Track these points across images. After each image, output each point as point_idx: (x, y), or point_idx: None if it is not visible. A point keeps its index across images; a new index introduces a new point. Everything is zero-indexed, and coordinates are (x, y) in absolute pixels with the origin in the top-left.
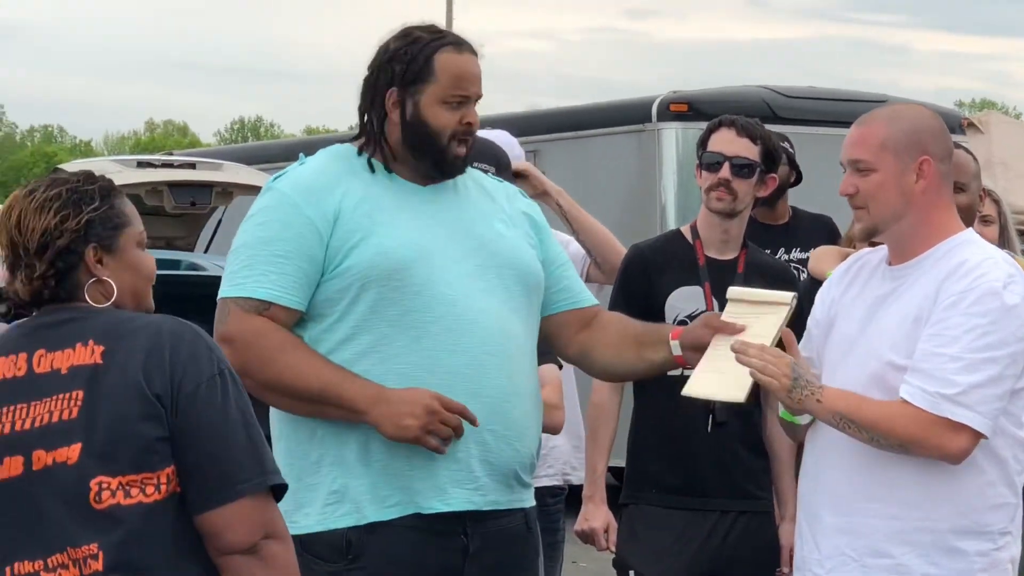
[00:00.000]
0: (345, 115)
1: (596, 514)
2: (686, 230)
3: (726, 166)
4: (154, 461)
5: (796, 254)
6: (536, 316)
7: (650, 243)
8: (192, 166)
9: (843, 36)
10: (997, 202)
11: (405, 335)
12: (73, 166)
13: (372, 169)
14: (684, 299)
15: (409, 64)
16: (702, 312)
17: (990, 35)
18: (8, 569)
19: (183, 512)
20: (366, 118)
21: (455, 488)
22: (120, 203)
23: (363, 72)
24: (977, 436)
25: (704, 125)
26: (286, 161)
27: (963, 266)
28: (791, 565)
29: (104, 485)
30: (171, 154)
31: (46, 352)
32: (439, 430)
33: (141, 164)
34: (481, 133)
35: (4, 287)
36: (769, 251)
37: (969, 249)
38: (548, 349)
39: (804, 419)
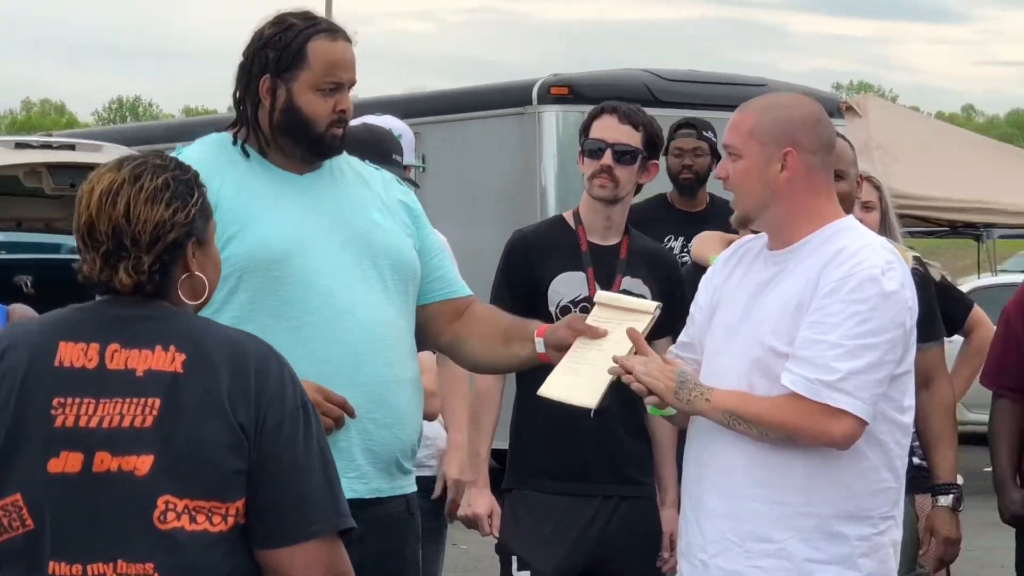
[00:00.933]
0: (225, 95)
1: (479, 499)
2: (568, 216)
3: (608, 153)
4: (228, 492)
5: None
6: (412, 305)
7: (533, 228)
8: (71, 147)
9: (723, 18)
10: (878, 188)
11: (284, 325)
12: None
13: (247, 155)
14: (567, 284)
15: (283, 51)
16: (584, 297)
17: (869, 18)
18: (49, 564)
19: (242, 545)
20: (241, 105)
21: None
22: (205, 192)
23: (239, 57)
24: (861, 422)
25: (585, 109)
26: (167, 142)
27: (842, 253)
28: (672, 550)
29: (171, 505)
30: (50, 135)
31: (120, 348)
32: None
33: (19, 145)
34: (370, 119)
35: (80, 268)
36: (683, 238)
37: (848, 236)
38: (423, 338)
39: (671, 410)
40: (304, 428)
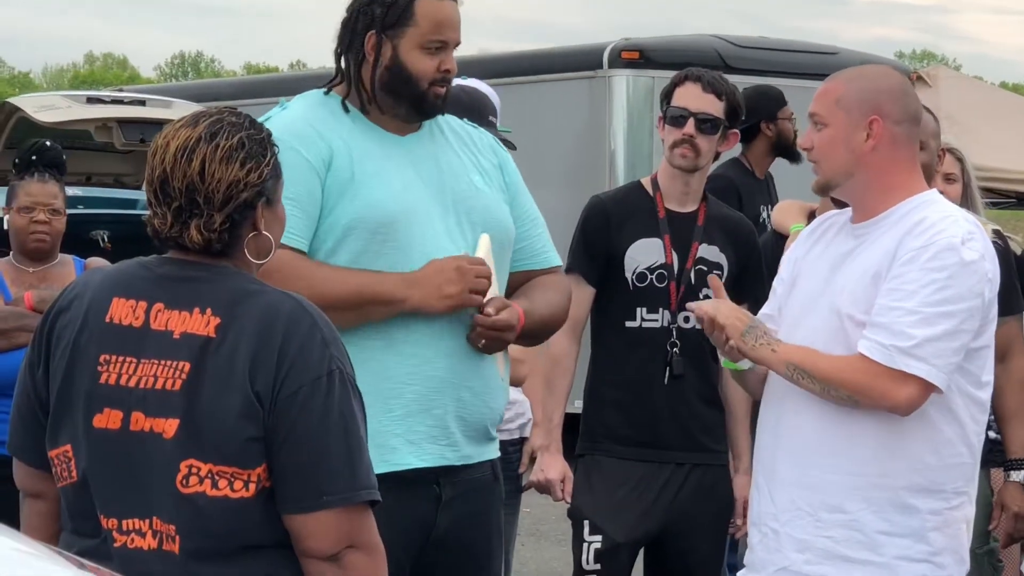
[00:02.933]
0: (284, 52)
1: (552, 464)
2: (646, 182)
3: (691, 122)
4: (246, 459)
5: None
6: (506, 272)
7: (611, 194)
8: (142, 103)
9: None
10: (960, 160)
11: None
12: (24, 101)
13: (347, 111)
14: (644, 251)
15: (390, 8)
16: (661, 264)
17: None
18: (100, 518)
19: (273, 508)
20: (343, 61)
21: (430, 444)
22: (277, 151)
23: (304, 7)
24: (927, 388)
25: (656, 74)
26: (231, 99)
27: (922, 223)
28: (745, 517)
29: (194, 469)
30: (121, 90)
31: (164, 308)
32: (478, 285)
33: (91, 100)
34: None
35: (150, 222)
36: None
37: (930, 208)
38: None
39: (745, 364)
40: (325, 396)
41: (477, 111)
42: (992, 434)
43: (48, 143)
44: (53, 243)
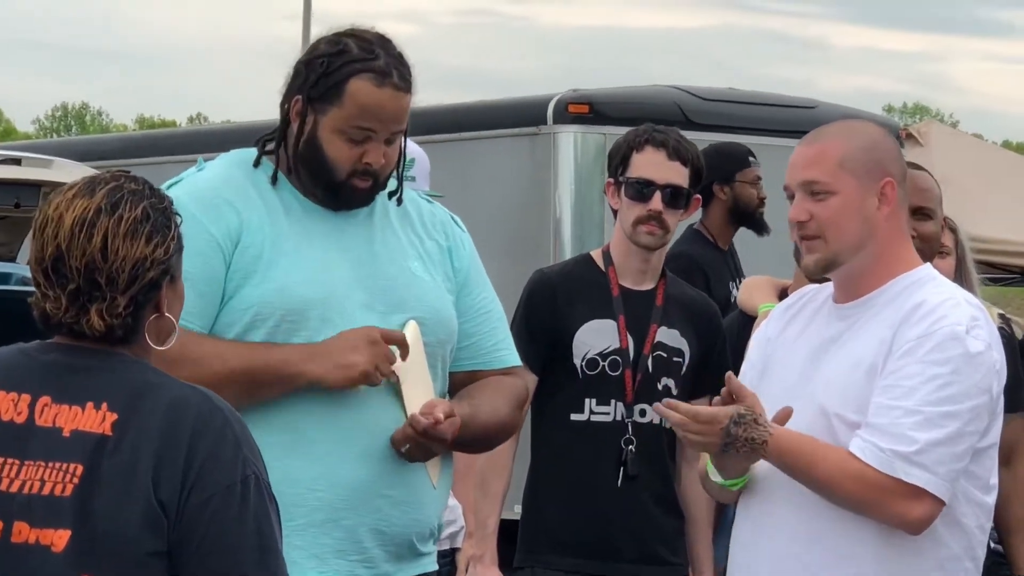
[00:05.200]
0: (184, 104)
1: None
2: (597, 255)
3: (657, 196)
4: (146, 575)
5: None
6: (445, 370)
7: (557, 268)
8: (17, 162)
9: (750, 27)
10: (954, 230)
11: None
12: None
13: (275, 182)
14: (595, 334)
15: (321, 77)
16: (615, 349)
17: (918, 31)
18: None
19: None
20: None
21: (337, 560)
22: (179, 221)
23: (206, 54)
24: (939, 502)
25: (607, 130)
26: (124, 158)
27: (921, 307)
28: None
29: None
30: None
31: (51, 402)
32: (384, 363)
33: None
34: None
35: (39, 305)
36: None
37: (928, 288)
38: None
39: (741, 482)
40: (239, 505)
41: None
42: (992, 544)
43: None
44: None
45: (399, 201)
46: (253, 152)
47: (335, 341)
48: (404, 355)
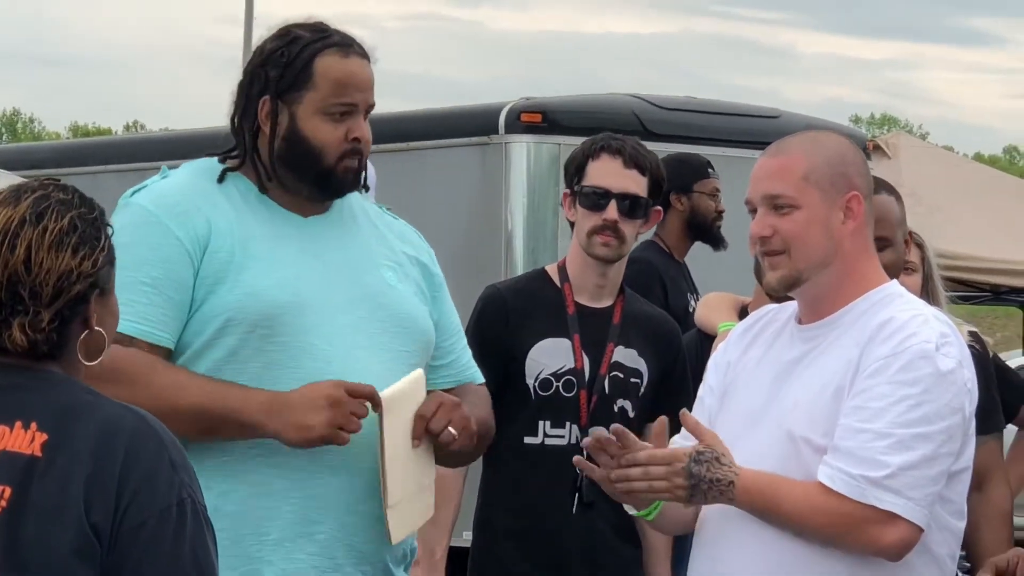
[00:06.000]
0: (119, 111)
1: None
2: (552, 270)
3: (612, 205)
4: None
5: None
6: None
7: (509, 284)
8: None
9: (711, 34)
10: (921, 246)
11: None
12: None
13: (241, 189)
14: (548, 353)
15: (285, 69)
16: (569, 369)
17: (886, 39)
18: None
19: None
20: (239, 132)
21: (313, 574)
22: (110, 233)
23: (142, 59)
24: (916, 528)
25: (561, 140)
26: (56, 167)
27: (888, 325)
28: None
29: None
30: None
31: None
32: (348, 424)
33: None
34: None
35: None
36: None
37: (895, 305)
38: None
39: (652, 515)
40: (176, 529)
41: None
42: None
43: None
44: None
45: (366, 188)
46: (216, 162)
47: (296, 397)
48: (376, 407)
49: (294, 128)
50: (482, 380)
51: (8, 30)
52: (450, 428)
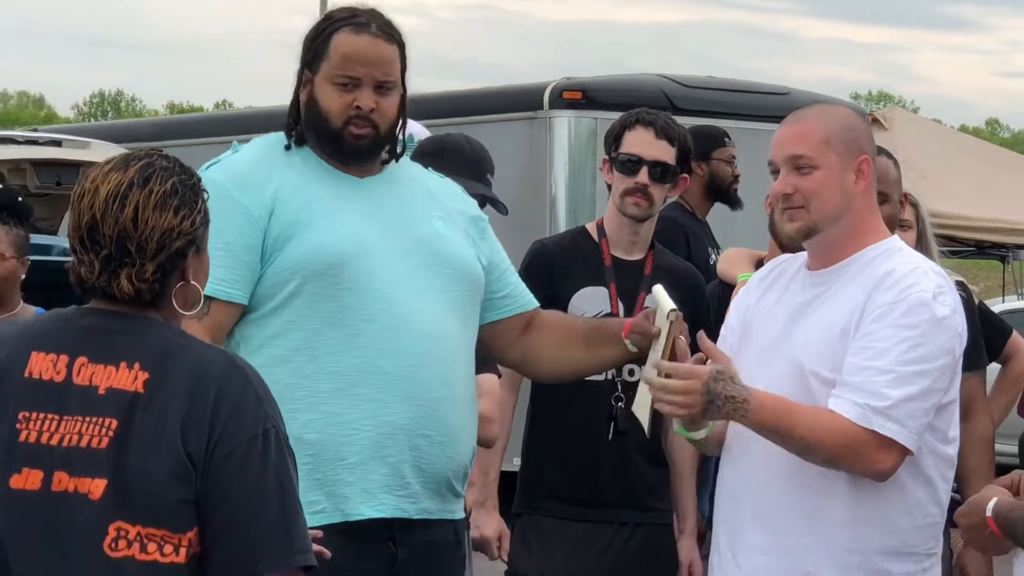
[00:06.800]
0: (210, 90)
1: (488, 522)
2: (592, 228)
3: (644, 170)
4: (177, 522)
5: None
6: (476, 319)
7: (555, 240)
8: (58, 143)
9: (727, 21)
10: (915, 206)
11: (339, 333)
12: None
13: (300, 155)
14: (588, 300)
15: (312, 42)
16: (607, 313)
17: (881, 24)
18: None
19: (204, 573)
20: (294, 105)
21: (386, 495)
22: (206, 196)
23: (229, 44)
24: (904, 452)
25: (598, 115)
26: (154, 140)
27: (890, 276)
28: None
29: (123, 532)
30: (36, 130)
31: (88, 362)
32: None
33: (3, 140)
34: None
35: (75, 270)
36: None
37: (897, 258)
38: (487, 357)
39: (700, 434)
40: (261, 457)
41: (476, 166)
42: (953, 492)
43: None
44: None
45: (397, 158)
46: (283, 135)
47: None
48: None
49: (312, 95)
50: (537, 305)
51: (114, 21)
52: None
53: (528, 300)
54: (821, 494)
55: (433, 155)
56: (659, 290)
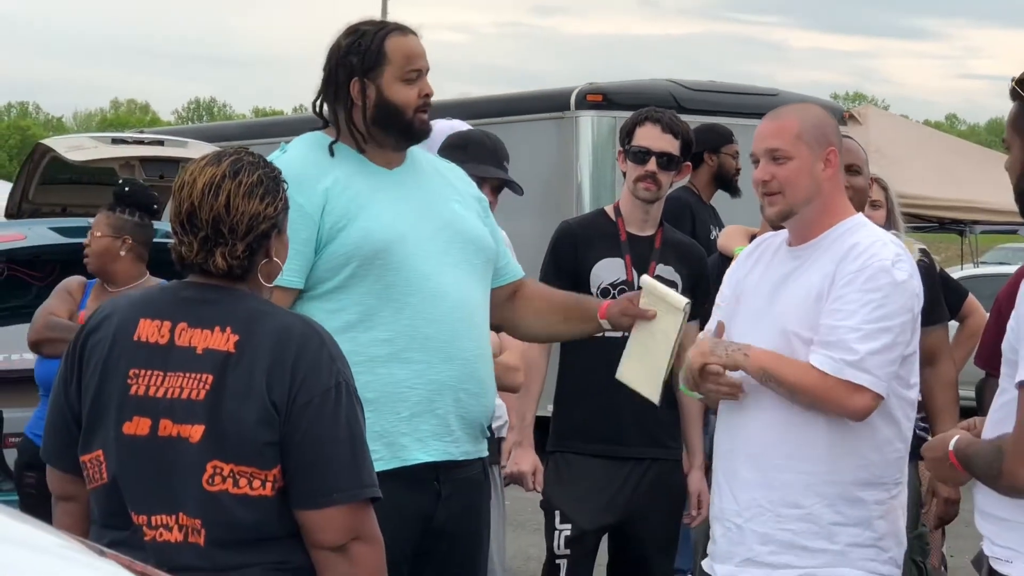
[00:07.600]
0: (289, 97)
1: (525, 458)
2: (610, 209)
3: (652, 160)
4: (263, 461)
5: None
6: (489, 286)
7: (578, 220)
8: (161, 143)
9: (727, 33)
10: (885, 188)
11: (388, 307)
12: (56, 142)
13: (341, 154)
14: (607, 269)
15: (364, 54)
16: (623, 281)
17: (855, 34)
18: (131, 515)
19: (287, 503)
20: (331, 112)
21: (435, 441)
22: (286, 187)
23: (305, 57)
24: (876, 397)
25: (617, 114)
26: (241, 139)
27: (855, 248)
28: (699, 510)
29: (218, 469)
30: (142, 132)
31: (187, 327)
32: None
33: (116, 140)
34: (440, 122)
35: (177, 250)
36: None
37: (860, 232)
38: None
39: (700, 395)
40: (334, 406)
41: (494, 155)
42: (918, 431)
43: (129, 186)
44: (93, 264)
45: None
46: (322, 135)
47: None
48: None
49: (381, 96)
50: (521, 274)
51: (203, 37)
52: None
53: (516, 270)
54: (803, 437)
55: (458, 148)
56: (654, 282)
